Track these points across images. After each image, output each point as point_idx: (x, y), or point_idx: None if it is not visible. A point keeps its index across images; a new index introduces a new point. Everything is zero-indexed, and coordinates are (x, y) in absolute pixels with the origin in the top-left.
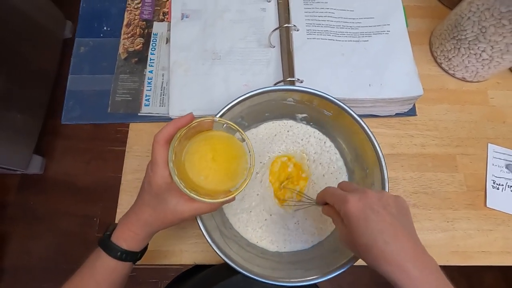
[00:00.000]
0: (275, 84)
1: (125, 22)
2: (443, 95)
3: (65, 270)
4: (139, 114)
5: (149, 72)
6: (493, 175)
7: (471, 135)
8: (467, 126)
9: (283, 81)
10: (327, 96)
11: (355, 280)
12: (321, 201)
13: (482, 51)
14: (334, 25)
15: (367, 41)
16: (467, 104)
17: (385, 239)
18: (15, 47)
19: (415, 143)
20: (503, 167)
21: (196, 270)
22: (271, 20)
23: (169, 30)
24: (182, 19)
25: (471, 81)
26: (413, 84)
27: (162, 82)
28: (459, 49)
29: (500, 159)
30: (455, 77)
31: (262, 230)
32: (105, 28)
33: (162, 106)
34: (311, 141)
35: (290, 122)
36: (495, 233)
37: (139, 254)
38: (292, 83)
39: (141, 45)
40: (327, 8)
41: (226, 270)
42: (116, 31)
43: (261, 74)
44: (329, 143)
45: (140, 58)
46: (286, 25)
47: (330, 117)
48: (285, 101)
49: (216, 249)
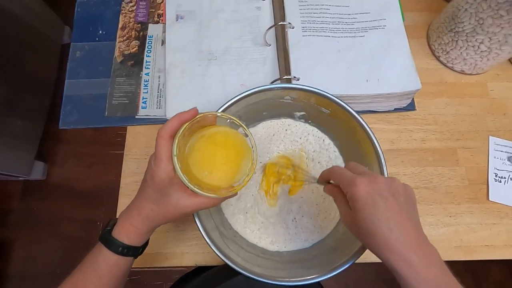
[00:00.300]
0: (272, 82)
1: (120, 25)
2: (442, 88)
3: (70, 274)
4: (136, 116)
5: (145, 74)
6: (495, 168)
7: (472, 128)
8: (467, 119)
9: (280, 80)
10: (324, 93)
11: (361, 277)
12: (324, 179)
13: (480, 43)
14: (329, 22)
15: (363, 36)
16: (466, 97)
17: (390, 227)
18: (14, 54)
19: (415, 138)
20: (505, 159)
21: (198, 271)
22: (266, 19)
23: (164, 31)
24: (177, 20)
25: (470, 74)
26: (410, 79)
27: (159, 84)
28: (456, 41)
29: (502, 151)
30: (453, 70)
31: (261, 232)
32: (100, 32)
33: (159, 108)
34: (310, 139)
35: (288, 121)
36: (498, 226)
37: (140, 248)
38: (288, 81)
39: (136, 48)
40: (322, 5)
41: (227, 271)
42: (112, 34)
43: (257, 73)
44: (328, 141)
45: (136, 60)
46: (281, 23)
47: (328, 115)
48: (283, 99)
49: (215, 250)
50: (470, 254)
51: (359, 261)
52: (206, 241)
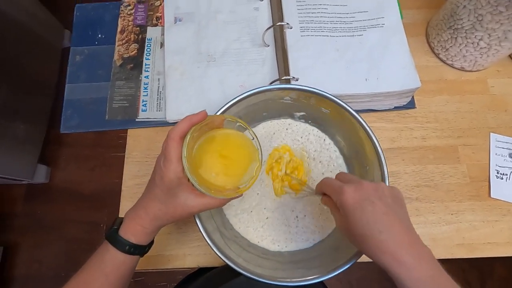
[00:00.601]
0: (271, 83)
1: (119, 29)
2: (442, 86)
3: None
4: (136, 119)
5: (145, 77)
6: (496, 164)
7: (472, 125)
8: (468, 116)
9: (279, 80)
10: (323, 93)
11: (364, 276)
12: (319, 191)
13: (480, 39)
14: (327, 21)
15: (362, 35)
16: (467, 94)
17: (380, 229)
18: (15, 59)
19: (415, 136)
20: (506, 156)
21: (201, 272)
22: (264, 19)
23: (163, 34)
24: (175, 22)
25: (470, 71)
26: (410, 77)
27: (158, 87)
28: (456, 38)
29: (503, 148)
30: (453, 67)
31: (264, 230)
32: (99, 36)
33: (159, 110)
34: (311, 138)
35: (289, 121)
36: (500, 223)
37: (146, 247)
38: (287, 81)
39: (135, 51)
40: (320, 4)
41: (229, 272)
42: (111, 38)
43: (256, 74)
44: (328, 140)
45: (136, 63)
46: (279, 23)
47: (328, 114)
48: (282, 100)
49: (216, 251)
50: (472, 252)
51: (362, 260)
52: (207, 242)
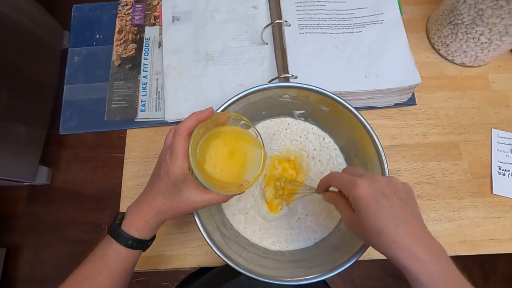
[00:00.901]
0: (270, 81)
1: (117, 29)
2: (443, 82)
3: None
4: (135, 120)
5: (143, 77)
6: (498, 161)
7: (474, 121)
8: (469, 112)
9: (278, 78)
10: (322, 91)
11: (366, 274)
12: (324, 187)
13: (480, 34)
14: (326, 18)
15: (361, 32)
16: (468, 90)
17: (396, 223)
18: (15, 61)
19: (416, 132)
20: (508, 152)
21: (202, 272)
22: (262, 17)
23: (161, 34)
24: (173, 22)
25: (471, 66)
26: (410, 73)
27: (157, 87)
28: (456, 34)
29: (505, 144)
30: (454, 63)
31: (262, 233)
32: (97, 36)
33: (158, 110)
34: (310, 137)
35: (288, 119)
36: (503, 220)
37: (149, 242)
38: (286, 79)
39: (134, 51)
40: (319, 1)
41: (230, 272)
42: (109, 38)
43: (255, 72)
44: (328, 139)
45: (134, 63)
46: (278, 21)
47: (327, 112)
48: (281, 98)
49: (217, 251)
50: (474, 249)
51: (364, 257)
52: (207, 242)
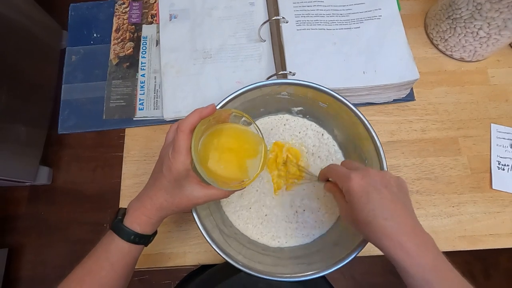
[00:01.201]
0: (268, 78)
1: (114, 28)
2: (442, 77)
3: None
4: (134, 118)
5: (141, 76)
6: (497, 155)
7: (473, 116)
8: (468, 107)
9: (276, 75)
10: (320, 87)
11: (367, 270)
12: (323, 177)
13: (479, 29)
14: (324, 14)
15: (359, 27)
16: (467, 85)
17: (385, 215)
18: (14, 61)
19: (415, 128)
20: (507, 146)
21: (203, 269)
22: (260, 14)
23: (158, 32)
24: (170, 20)
25: (470, 61)
26: (408, 68)
27: (155, 85)
28: (455, 28)
29: (504, 138)
30: (453, 58)
31: (263, 226)
32: (95, 35)
33: (156, 109)
34: (309, 133)
35: (286, 116)
36: (502, 215)
37: (151, 237)
38: (284, 76)
39: (131, 49)
40: None
41: (229, 269)
42: (106, 37)
43: (253, 69)
44: (327, 135)
45: (132, 62)
46: (275, 17)
47: (326, 109)
48: (279, 95)
49: (216, 248)
50: (474, 244)
51: (364, 254)
52: (207, 240)
